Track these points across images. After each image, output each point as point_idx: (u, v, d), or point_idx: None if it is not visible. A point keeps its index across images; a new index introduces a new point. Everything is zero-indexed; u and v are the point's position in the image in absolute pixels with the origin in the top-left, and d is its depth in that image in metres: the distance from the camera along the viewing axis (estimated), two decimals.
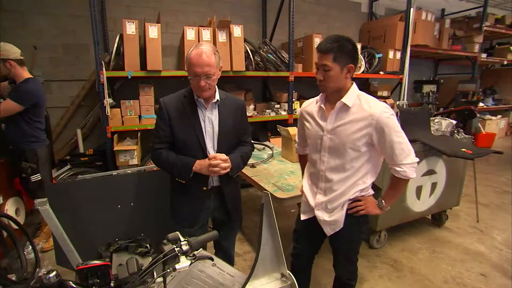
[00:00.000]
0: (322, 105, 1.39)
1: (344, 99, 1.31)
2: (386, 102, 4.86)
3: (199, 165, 1.42)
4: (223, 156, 1.41)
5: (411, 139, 2.55)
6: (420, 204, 2.73)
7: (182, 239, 0.82)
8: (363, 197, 1.41)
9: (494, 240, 2.80)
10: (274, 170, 2.53)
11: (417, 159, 1.33)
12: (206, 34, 3.47)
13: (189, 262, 0.77)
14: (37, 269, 2.24)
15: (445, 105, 6.52)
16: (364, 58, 4.69)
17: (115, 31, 3.61)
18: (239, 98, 1.65)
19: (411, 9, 4.55)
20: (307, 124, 1.49)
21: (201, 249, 0.82)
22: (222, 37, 3.55)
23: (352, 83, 1.35)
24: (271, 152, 3.07)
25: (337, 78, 1.28)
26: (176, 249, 0.78)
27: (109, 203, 1.82)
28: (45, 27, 3.41)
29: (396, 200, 1.45)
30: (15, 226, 2.29)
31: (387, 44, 4.95)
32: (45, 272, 0.70)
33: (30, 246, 2.35)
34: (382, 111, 1.26)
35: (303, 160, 1.72)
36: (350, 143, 1.31)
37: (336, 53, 1.24)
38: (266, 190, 2.09)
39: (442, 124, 2.99)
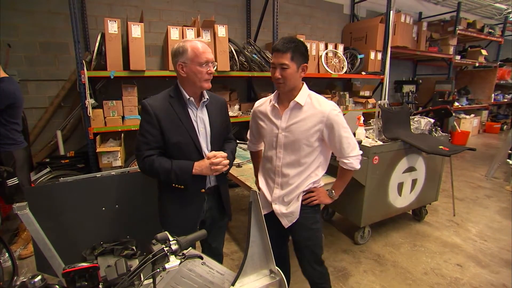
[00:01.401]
0: (276, 104, 1.46)
1: (297, 99, 1.39)
2: (368, 102, 5.04)
3: (199, 166, 1.36)
4: (223, 153, 1.39)
5: (393, 137, 2.67)
6: (401, 200, 2.84)
7: (171, 238, 0.82)
8: (316, 188, 1.51)
9: (469, 232, 2.95)
10: None
11: (361, 152, 1.48)
12: (191, 33, 3.44)
13: (178, 261, 0.77)
14: (15, 277, 2.15)
15: (423, 105, 6.79)
16: (346, 59, 4.80)
17: (97, 29, 3.52)
18: (219, 96, 1.63)
19: (391, 12, 4.70)
20: (261, 123, 1.55)
21: (190, 248, 0.82)
22: (206, 37, 3.53)
23: (303, 83, 1.44)
24: None
25: (293, 76, 1.36)
26: (165, 248, 0.78)
27: (93, 206, 1.78)
28: (20, 24, 3.26)
29: (343, 189, 1.58)
30: None
31: (369, 45, 5.09)
32: (29, 277, 0.68)
33: (6, 254, 2.25)
34: (332, 109, 1.37)
35: (255, 157, 1.81)
36: (304, 139, 1.40)
37: (293, 52, 1.32)
38: (253, 189, 2.13)
39: (421, 123, 3.11)
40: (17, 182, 2.22)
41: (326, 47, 4.64)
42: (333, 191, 1.56)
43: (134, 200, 1.88)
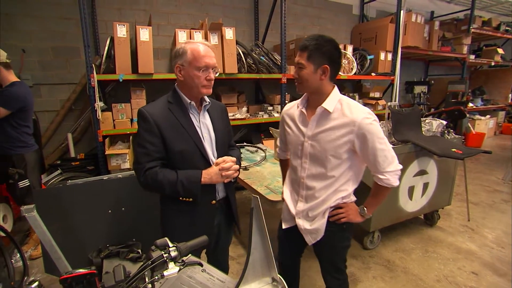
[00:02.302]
0: (303, 110, 1.34)
1: (325, 104, 1.26)
2: (378, 103, 4.94)
3: (208, 174, 1.25)
4: (231, 157, 1.32)
5: (403, 139, 2.60)
6: (412, 204, 2.76)
7: (170, 244, 0.81)
8: (345, 204, 1.37)
9: (485, 239, 2.84)
10: (267, 173, 2.52)
11: (401, 167, 1.30)
12: (198, 36, 3.46)
13: (177, 268, 0.76)
14: (25, 278, 2.19)
15: (436, 106, 6.62)
16: (356, 60, 4.73)
17: (107, 33, 3.57)
18: (219, 102, 1.54)
19: (401, 11, 4.61)
20: (287, 129, 1.44)
21: (189, 254, 0.81)
22: (214, 39, 3.54)
23: (334, 87, 1.30)
24: (263, 154, 3.06)
25: (309, 78, 1.24)
26: (164, 255, 0.77)
27: (100, 209, 1.79)
28: (34, 30, 3.36)
29: (377, 207, 1.42)
30: (2, 234, 2.23)
31: (379, 45, 5.01)
32: (26, 283, 0.67)
33: (18, 254, 2.30)
34: (364, 117, 1.22)
35: (284, 165, 1.67)
36: (332, 151, 1.27)
37: (312, 51, 1.20)
38: (256, 194, 2.10)
39: (433, 125, 3.02)
40: (28, 184, 2.27)
41: None
42: (365, 209, 1.37)
43: (141, 203, 1.88)
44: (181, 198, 1.30)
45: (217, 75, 1.32)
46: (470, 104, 6.74)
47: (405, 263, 2.47)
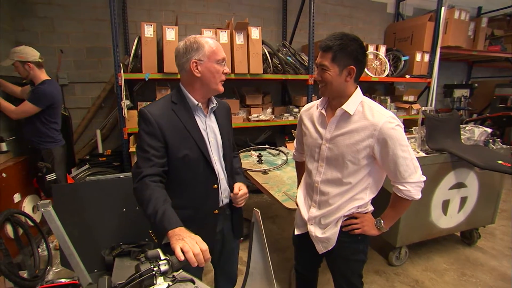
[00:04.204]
0: (323, 111, 1.25)
1: (345, 106, 1.17)
2: (412, 107, 4.60)
3: (181, 235, 0.91)
4: (244, 189, 1.26)
5: (438, 148, 2.36)
6: (447, 220, 2.49)
7: (162, 257, 0.75)
8: (360, 214, 1.26)
9: None
10: (287, 178, 2.41)
11: (424, 178, 1.18)
12: (224, 36, 3.44)
13: (166, 284, 0.70)
14: (48, 267, 2.29)
15: (479, 111, 6.05)
16: (388, 61, 4.45)
17: (136, 34, 3.67)
18: (223, 101, 1.42)
19: (442, 8, 4.25)
20: (305, 129, 1.36)
21: (181, 270, 0.74)
22: (239, 39, 3.50)
23: (356, 87, 1.21)
24: (285, 158, 2.95)
25: (334, 81, 1.15)
26: (154, 268, 0.71)
27: (115, 206, 1.81)
28: (71, 31, 3.55)
29: (395, 221, 1.30)
30: (31, 224, 2.36)
31: (414, 46, 4.67)
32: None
33: (44, 244, 2.41)
34: (386, 121, 1.12)
35: (300, 168, 1.58)
36: (350, 155, 1.18)
37: (337, 52, 1.11)
38: (273, 200, 2.00)
39: (475, 132, 2.72)
40: (55, 177, 2.38)
41: (367, 49, 4.35)
42: (382, 221, 1.27)
43: None
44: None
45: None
46: None
47: (436, 285, 2.23)
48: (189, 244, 0.83)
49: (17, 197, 2.39)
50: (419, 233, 2.44)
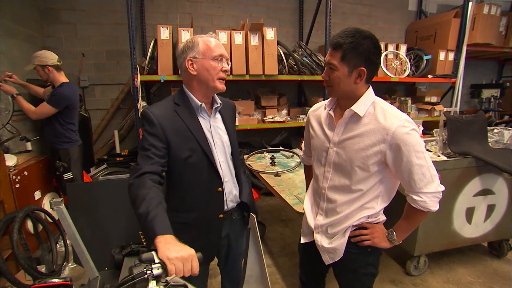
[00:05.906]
0: (331, 112, 1.16)
1: (355, 107, 1.08)
2: (435, 109, 4.38)
3: (169, 247, 0.80)
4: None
5: (461, 151, 2.21)
6: (471, 229, 2.33)
7: (156, 260, 0.73)
8: (370, 225, 1.17)
9: None
10: (299, 181, 2.36)
11: (442, 188, 1.08)
12: (238, 37, 3.43)
13: None
14: (65, 263, 2.36)
15: (510, 113, 5.66)
16: (410, 61, 4.26)
17: (153, 37, 3.75)
18: (228, 99, 1.37)
19: (470, 3, 4.02)
20: (312, 131, 1.27)
21: (174, 275, 0.72)
22: (254, 40, 3.48)
23: (368, 87, 1.11)
24: (299, 160, 2.89)
25: (342, 82, 1.06)
26: (146, 272, 0.69)
27: (126, 206, 1.82)
28: (92, 35, 3.69)
29: (409, 233, 1.19)
30: (50, 220, 2.45)
31: (438, 44, 4.44)
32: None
33: (62, 240, 2.50)
34: (400, 125, 1.02)
35: (308, 172, 1.48)
36: (358, 161, 1.08)
37: (347, 51, 1.02)
38: (284, 203, 1.95)
39: (504, 135, 2.53)
40: (72, 176, 2.46)
41: (386, 48, 4.19)
42: (394, 233, 1.17)
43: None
44: (178, 212, 1.17)
45: (228, 66, 1.20)
46: None
47: None
48: (176, 266, 0.75)
49: (37, 195, 2.50)
50: (439, 241, 2.30)
